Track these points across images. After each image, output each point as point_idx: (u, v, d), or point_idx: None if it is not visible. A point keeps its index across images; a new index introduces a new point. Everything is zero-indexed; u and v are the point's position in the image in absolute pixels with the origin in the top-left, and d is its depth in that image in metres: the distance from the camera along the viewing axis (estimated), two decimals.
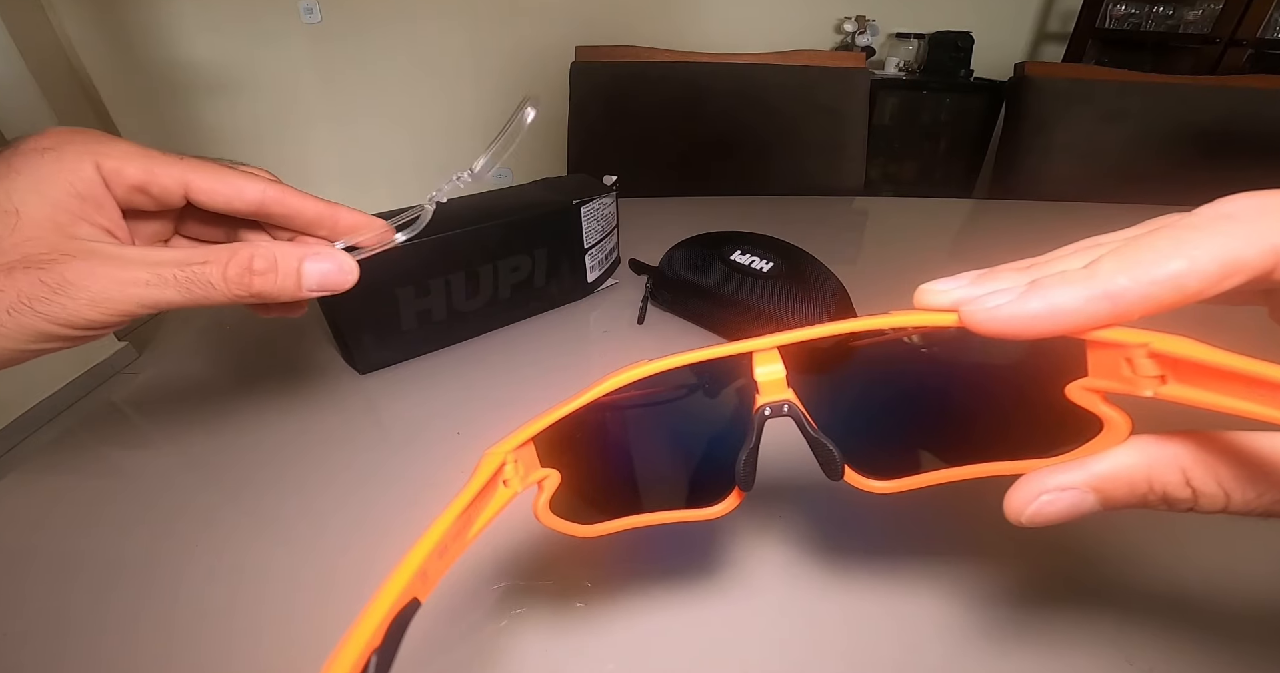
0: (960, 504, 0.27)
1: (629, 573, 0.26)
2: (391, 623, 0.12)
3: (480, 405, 0.37)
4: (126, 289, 0.19)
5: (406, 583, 0.12)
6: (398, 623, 0.12)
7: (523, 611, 0.24)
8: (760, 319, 0.39)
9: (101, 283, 0.19)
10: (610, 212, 0.47)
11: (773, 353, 0.16)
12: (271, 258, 0.21)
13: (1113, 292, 0.12)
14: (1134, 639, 0.23)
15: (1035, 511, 0.14)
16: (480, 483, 0.15)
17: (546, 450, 0.17)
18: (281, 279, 0.22)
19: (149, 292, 0.20)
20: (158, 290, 0.20)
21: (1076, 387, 0.13)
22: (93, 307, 0.19)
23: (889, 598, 0.25)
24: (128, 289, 0.19)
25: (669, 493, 0.19)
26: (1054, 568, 0.26)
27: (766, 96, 0.88)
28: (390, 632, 0.11)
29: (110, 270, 0.19)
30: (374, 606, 0.11)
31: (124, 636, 0.23)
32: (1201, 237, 0.12)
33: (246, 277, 0.21)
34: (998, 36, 2.08)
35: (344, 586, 0.25)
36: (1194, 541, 0.27)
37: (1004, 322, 0.13)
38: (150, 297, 0.20)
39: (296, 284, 0.22)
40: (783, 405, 0.16)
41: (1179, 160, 0.86)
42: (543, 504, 0.17)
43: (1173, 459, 0.13)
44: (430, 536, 0.13)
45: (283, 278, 0.22)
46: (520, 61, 2.09)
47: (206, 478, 0.31)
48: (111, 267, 0.19)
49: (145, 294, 0.20)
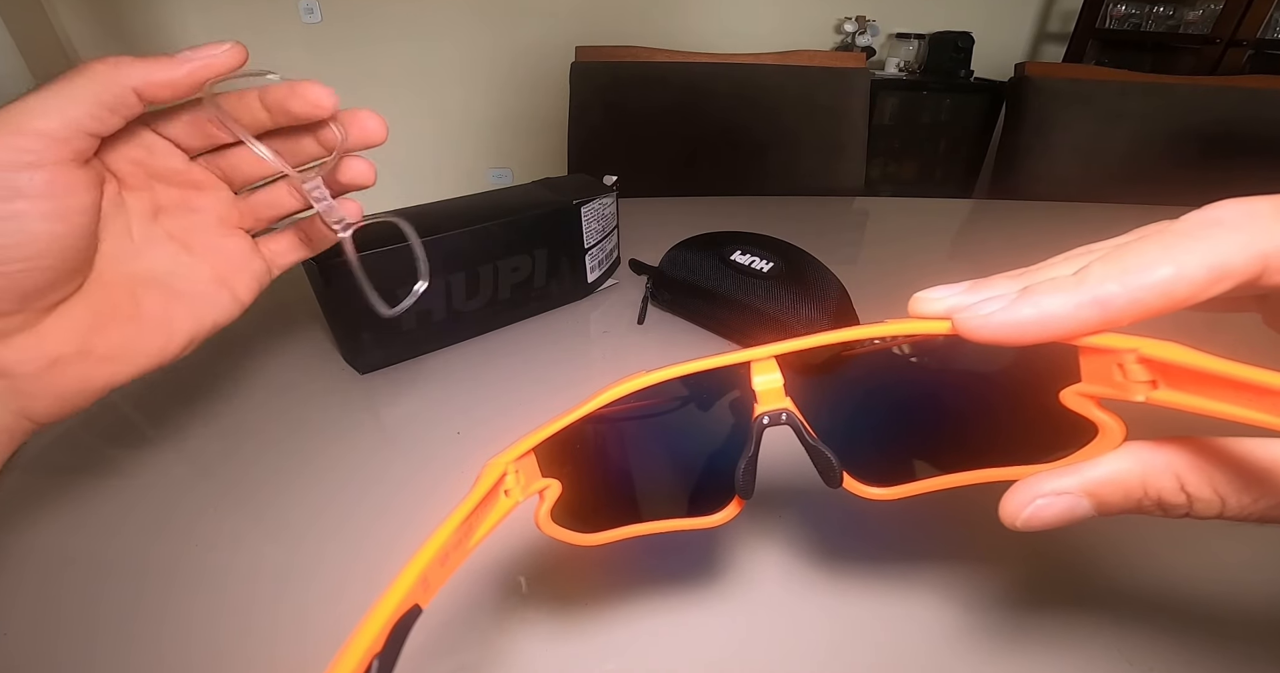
0: (957, 509, 0.27)
1: (630, 577, 0.26)
2: (393, 629, 0.12)
3: (480, 405, 0.37)
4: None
5: (408, 590, 0.12)
6: (399, 629, 0.12)
7: (523, 614, 0.24)
8: (760, 319, 0.39)
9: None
10: (610, 212, 0.47)
11: (770, 362, 0.16)
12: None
13: (1102, 298, 0.12)
14: (1133, 640, 0.23)
15: (1030, 515, 0.14)
16: (481, 493, 0.15)
17: (547, 461, 0.17)
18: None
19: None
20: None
21: (1070, 392, 0.13)
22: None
23: (888, 602, 0.25)
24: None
25: (669, 502, 0.19)
26: (1053, 570, 0.26)
27: (767, 97, 0.88)
28: (392, 637, 0.12)
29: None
30: (376, 612, 0.12)
31: (122, 635, 0.24)
32: (1189, 242, 0.12)
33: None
34: (998, 36, 2.08)
35: (343, 585, 0.25)
36: (1193, 541, 0.27)
37: (996, 329, 0.13)
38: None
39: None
40: (781, 414, 0.16)
41: (1179, 161, 0.86)
42: (544, 514, 0.17)
43: (1167, 465, 0.13)
44: (432, 543, 0.13)
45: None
46: (520, 62, 2.09)
47: (206, 477, 0.31)
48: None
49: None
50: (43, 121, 0.19)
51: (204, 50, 0.21)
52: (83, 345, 0.22)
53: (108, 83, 0.20)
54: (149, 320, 0.24)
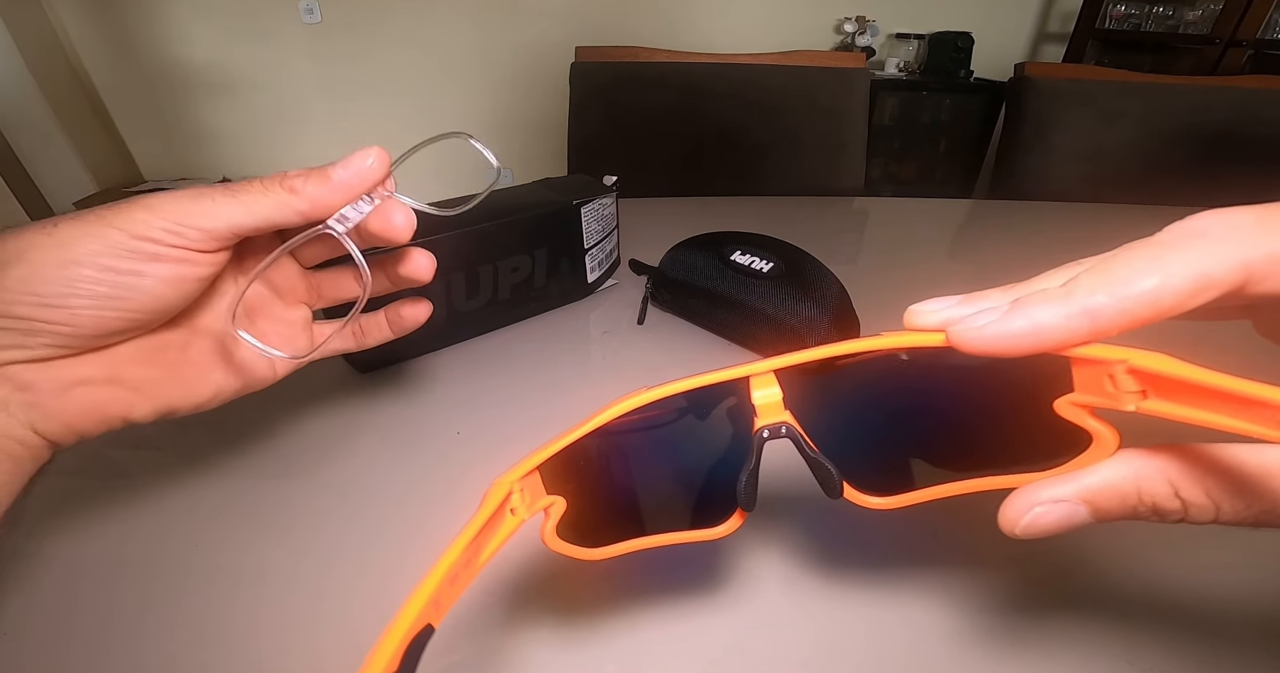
0: (956, 516, 0.27)
1: (632, 587, 0.26)
2: (408, 649, 0.12)
3: (480, 405, 0.37)
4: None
5: (420, 611, 0.13)
6: (413, 649, 0.12)
7: (526, 624, 0.24)
8: (760, 319, 0.40)
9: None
10: (610, 212, 0.47)
11: (769, 377, 0.16)
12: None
13: (1091, 308, 0.12)
14: (1133, 641, 0.23)
15: (1029, 523, 0.14)
16: (488, 513, 0.15)
17: (551, 478, 0.17)
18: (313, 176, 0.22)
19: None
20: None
21: (1064, 402, 0.14)
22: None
23: (888, 608, 0.25)
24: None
25: (673, 515, 0.19)
26: (1052, 574, 0.26)
27: (767, 97, 0.88)
28: (406, 657, 0.12)
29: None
30: (390, 633, 0.12)
31: (124, 637, 0.24)
32: (1174, 253, 0.12)
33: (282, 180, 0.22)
34: (998, 36, 2.08)
35: (344, 585, 0.25)
36: (1191, 542, 0.27)
37: (989, 340, 0.13)
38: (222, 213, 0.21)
39: (324, 176, 0.22)
40: (780, 428, 0.16)
41: (1179, 161, 0.86)
42: (550, 531, 0.17)
43: (1160, 472, 0.13)
44: (441, 564, 0.14)
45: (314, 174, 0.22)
46: (520, 62, 2.09)
47: (206, 478, 0.31)
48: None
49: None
50: (209, 222, 0.20)
51: (354, 165, 0.22)
52: (114, 373, 0.22)
53: (284, 209, 0.21)
54: (189, 367, 0.24)
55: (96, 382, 0.21)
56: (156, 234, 0.19)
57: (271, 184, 0.21)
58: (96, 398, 0.21)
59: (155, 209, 0.20)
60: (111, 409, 0.22)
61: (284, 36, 2.00)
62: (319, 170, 0.22)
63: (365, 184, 0.22)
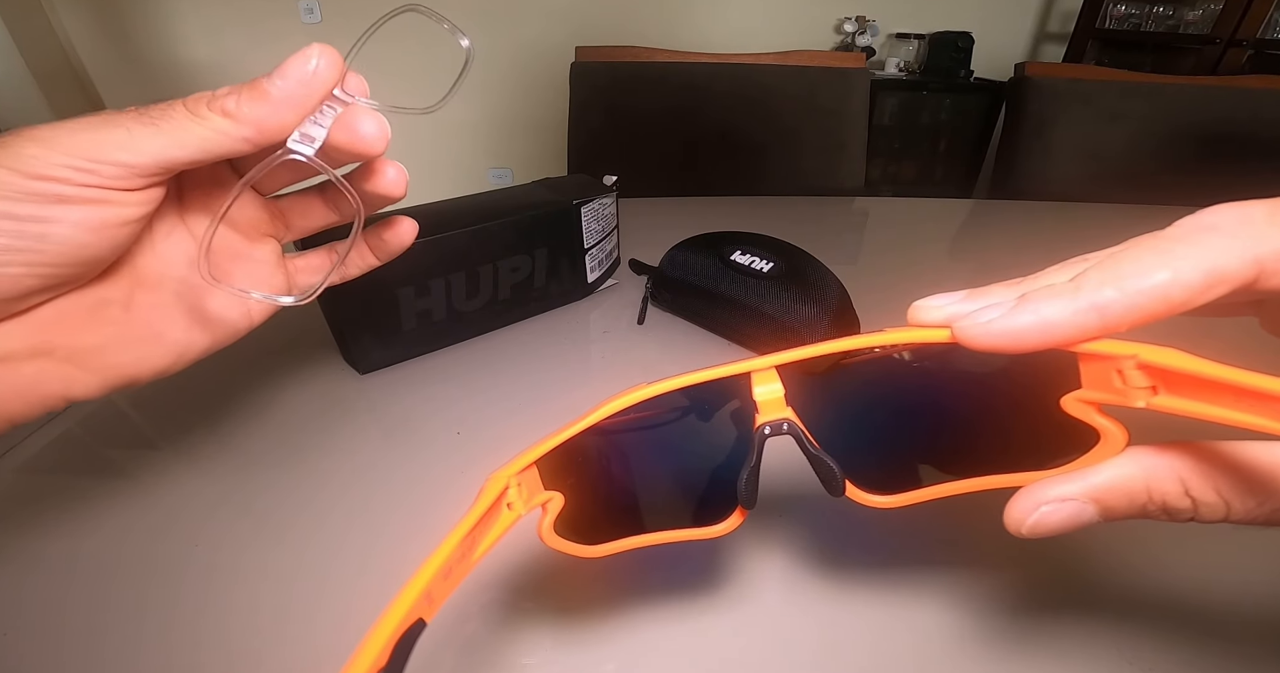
0: (959, 514, 0.27)
1: (631, 586, 0.25)
2: (397, 644, 0.12)
3: (480, 405, 0.37)
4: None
5: (411, 605, 0.12)
6: (403, 644, 0.12)
7: (523, 622, 0.24)
8: (760, 319, 0.39)
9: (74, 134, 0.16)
10: (610, 212, 0.47)
11: (771, 372, 0.16)
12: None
13: (1099, 303, 0.12)
14: (1134, 641, 0.23)
15: (1035, 522, 0.14)
16: (484, 507, 0.15)
17: (549, 474, 0.17)
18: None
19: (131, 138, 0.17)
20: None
21: (1071, 399, 0.13)
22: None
23: (890, 607, 0.25)
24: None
25: (672, 513, 0.19)
26: (1055, 573, 0.26)
27: (767, 97, 0.88)
28: (396, 652, 0.12)
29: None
30: (379, 627, 0.12)
31: (123, 636, 0.23)
32: (1184, 248, 0.12)
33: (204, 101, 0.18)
34: (998, 36, 2.08)
35: (343, 585, 0.25)
36: (1193, 542, 0.27)
37: (995, 336, 0.13)
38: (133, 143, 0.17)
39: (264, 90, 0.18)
40: (782, 424, 0.16)
41: (1179, 161, 0.86)
42: (547, 526, 0.17)
43: (1170, 470, 0.13)
44: (435, 558, 0.13)
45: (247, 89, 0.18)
46: (520, 62, 2.09)
47: (206, 478, 0.31)
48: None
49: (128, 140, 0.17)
50: (129, 156, 0.17)
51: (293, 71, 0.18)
52: (41, 343, 0.18)
53: (224, 138, 0.18)
54: (138, 326, 0.20)
55: (20, 356, 0.18)
56: (58, 172, 0.16)
57: (198, 106, 0.18)
58: (23, 376, 0.18)
59: (49, 143, 0.16)
60: (46, 387, 0.19)
61: (284, 37, 1.99)
62: (251, 85, 0.18)
63: (317, 93, 0.18)
